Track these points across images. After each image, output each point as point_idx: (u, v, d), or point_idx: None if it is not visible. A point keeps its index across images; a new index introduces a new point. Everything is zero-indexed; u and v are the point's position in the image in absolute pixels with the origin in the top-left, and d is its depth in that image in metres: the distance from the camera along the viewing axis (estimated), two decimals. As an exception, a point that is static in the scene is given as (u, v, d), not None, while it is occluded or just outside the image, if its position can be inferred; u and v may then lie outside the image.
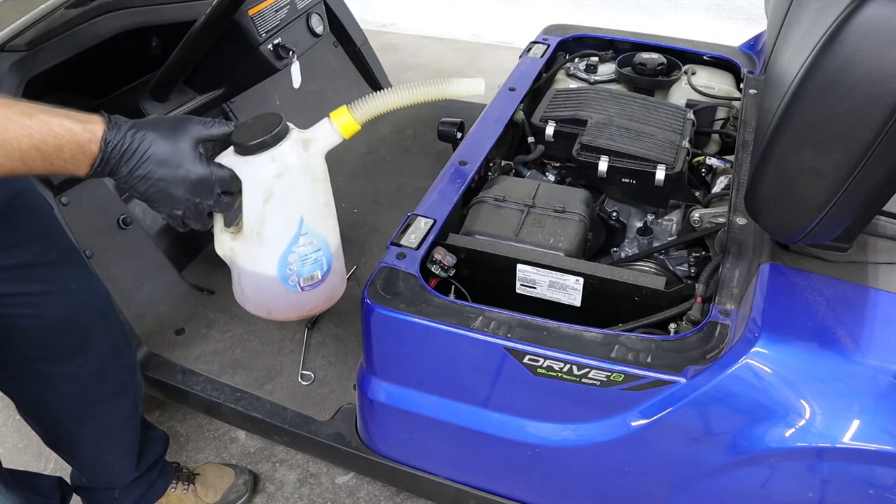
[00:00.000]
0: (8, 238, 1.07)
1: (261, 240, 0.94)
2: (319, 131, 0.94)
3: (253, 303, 1.03)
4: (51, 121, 0.78)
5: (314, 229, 0.96)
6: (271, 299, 1.01)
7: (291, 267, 0.96)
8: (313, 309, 1.05)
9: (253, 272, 0.98)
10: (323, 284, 1.01)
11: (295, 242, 0.95)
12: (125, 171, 0.82)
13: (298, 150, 0.91)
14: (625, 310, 1.22)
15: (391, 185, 2.21)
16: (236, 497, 1.61)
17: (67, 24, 1.61)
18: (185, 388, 1.61)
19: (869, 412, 0.93)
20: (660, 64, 1.74)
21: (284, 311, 1.04)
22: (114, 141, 0.81)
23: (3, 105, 0.76)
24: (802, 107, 0.87)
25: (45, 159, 0.78)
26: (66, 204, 1.62)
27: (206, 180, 0.86)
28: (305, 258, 0.96)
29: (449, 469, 1.34)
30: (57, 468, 1.71)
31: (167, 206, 0.87)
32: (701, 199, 1.48)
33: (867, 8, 0.78)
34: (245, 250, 0.96)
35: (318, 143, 0.93)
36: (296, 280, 0.98)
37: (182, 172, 0.84)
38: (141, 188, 0.84)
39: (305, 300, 1.01)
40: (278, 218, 0.93)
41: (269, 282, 0.97)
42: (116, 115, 0.84)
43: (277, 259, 0.95)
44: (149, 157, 0.82)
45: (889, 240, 1.11)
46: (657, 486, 1.13)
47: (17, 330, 1.14)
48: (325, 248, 0.99)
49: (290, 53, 2.04)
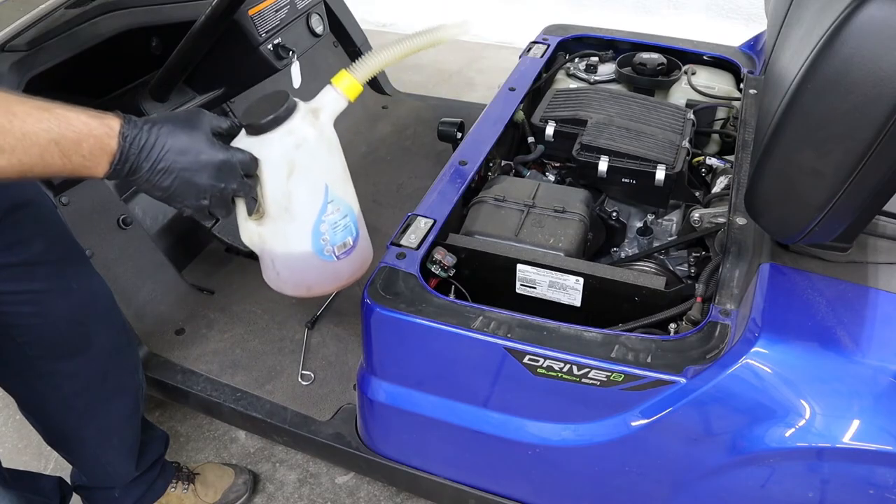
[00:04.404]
0: (10, 236, 1.07)
1: (290, 216, 0.93)
2: (326, 98, 0.94)
3: (290, 284, 1.02)
4: (68, 115, 0.77)
5: (339, 196, 0.96)
6: (310, 274, 1.00)
7: (324, 237, 0.96)
8: (350, 276, 1.04)
9: (286, 251, 0.97)
10: (355, 250, 1.01)
11: (324, 211, 0.95)
12: (147, 166, 0.81)
13: (310, 119, 0.91)
14: (625, 310, 1.22)
15: (391, 185, 2.21)
16: (236, 497, 1.61)
17: (67, 24, 1.61)
18: (185, 388, 1.61)
19: (869, 412, 0.93)
20: (660, 64, 1.74)
21: (324, 283, 1.03)
22: (131, 135, 0.80)
23: (20, 101, 0.75)
24: (802, 107, 0.87)
25: (64, 155, 0.76)
26: (66, 204, 1.62)
27: (229, 163, 0.85)
28: (336, 226, 0.97)
29: (449, 469, 1.34)
30: (57, 468, 1.71)
31: (193, 196, 0.85)
32: (701, 199, 1.48)
33: (867, 8, 0.78)
34: (275, 231, 0.96)
35: (327, 110, 0.94)
36: (330, 249, 0.97)
37: (205, 158, 0.84)
38: (165, 183, 0.83)
39: (342, 269, 1.01)
40: (304, 190, 0.93)
41: (304, 257, 0.97)
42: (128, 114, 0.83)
43: (310, 231, 0.95)
44: (169, 148, 0.81)
45: (889, 240, 1.11)
46: (657, 486, 1.13)
47: (18, 328, 1.14)
48: (351, 214, 0.99)
49: (290, 53, 2.04)
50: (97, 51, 1.67)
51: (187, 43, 1.71)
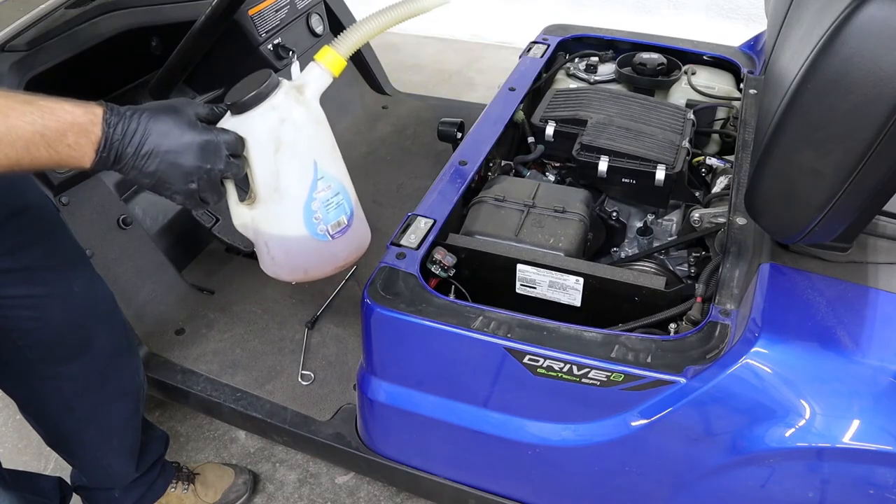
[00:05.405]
0: (12, 241, 1.07)
1: (280, 195, 0.92)
2: (310, 75, 0.93)
3: (286, 268, 1.00)
4: (52, 106, 0.77)
5: (329, 172, 0.95)
6: (305, 256, 0.99)
7: (317, 216, 0.94)
8: (348, 258, 1.02)
9: (279, 233, 0.96)
10: (350, 230, 0.99)
11: (314, 188, 0.93)
12: (131, 151, 0.81)
13: (295, 95, 0.90)
14: (625, 310, 1.22)
15: (391, 185, 2.21)
16: (236, 497, 1.61)
17: (67, 24, 1.61)
18: (185, 388, 1.61)
19: (869, 412, 0.93)
20: (660, 64, 1.74)
21: (321, 265, 1.01)
22: (114, 122, 0.80)
23: (1, 96, 0.76)
24: (802, 107, 0.87)
25: (50, 146, 0.77)
26: (66, 204, 1.62)
27: (212, 142, 0.85)
28: (328, 203, 0.95)
29: (449, 469, 1.34)
30: (57, 468, 1.71)
31: (180, 180, 0.85)
32: (701, 199, 1.48)
33: (867, 8, 0.78)
34: (266, 213, 0.94)
35: (312, 87, 0.93)
36: (324, 228, 0.96)
37: (188, 139, 0.84)
38: (151, 167, 0.83)
39: (338, 249, 1.00)
40: (292, 166, 0.91)
41: (298, 238, 0.95)
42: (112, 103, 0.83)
43: (301, 210, 0.93)
44: (152, 132, 0.82)
45: (889, 240, 1.11)
46: (657, 486, 1.13)
47: (18, 331, 1.14)
48: (344, 192, 0.97)
49: (290, 53, 2.04)
50: (97, 51, 1.67)
51: (187, 43, 1.71)
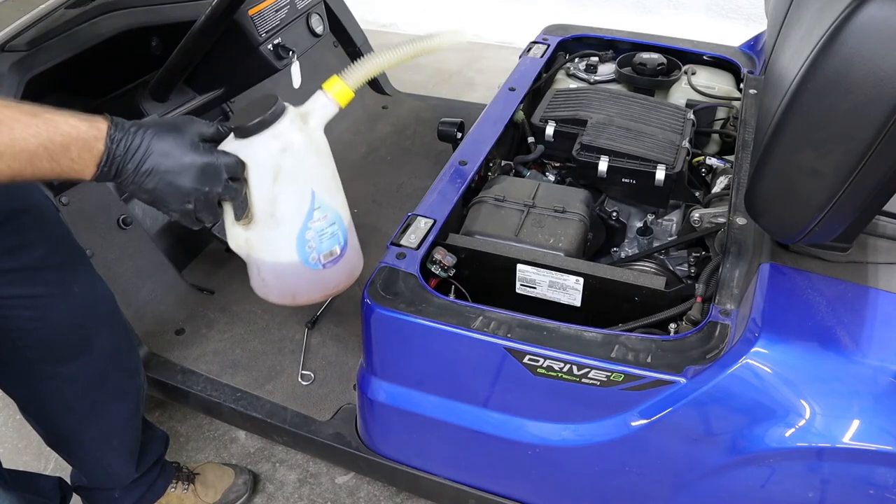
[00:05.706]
0: (12, 241, 1.07)
1: (275, 221, 0.92)
2: (316, 104, 0.93)
3: (276, 291, 1.01)
4: (56, 119, 0.77)
5: (326, 202, 0.95)
6: (295, 283, 0.99)
7: (310, 244, 0.95)
8: (337, 287, 1.03)
9: (271, 258, 0.96)
10: (343, 259, 1.00)
11: (310, 218, 0.93)
12: (131, 167, 0.82)
13: (299, 123, 0.90)
14: (625, 310, 1.22)
15: (391, 185, 2.21)
16: (236, 497, 1.61)
17: (67, 24, 1.61)
18: (185, 388, 1.61)
19: (869, 412, 0.93)
20: (660, 64, 1.74)
21: (309, 292, 1.01)
22: (118, 137, 0.80)
23: (7, 106, 0.76)
24: (802, 107, 0.87)
25: (53, 159, 0.77)
26: (66, 204, 1.62)
27: (213, 165, 0.85)
28: (322, 233, 0.95)
29: (449, 469, 1.34)
30: (57, 468, 1.71)
31: (177, 200, 0.85)
32: (701, 199, 1.48)
33: (867, 8, 0.78)
34: (260, 237, 0.95)
35: (317, 116, 0.93)
36: (316, 257, 0.96)
37: (188, 160, 0.84)
38: (149, 185, 0.83)
39: (328, 278, 1.00)
40: (290, 195, 0.92)
41: (290, 264, 0.96)
42: (118, 117, 0.83)
43: (295, 238, 0.94)
44: (153, 151, 0.82)
45: (889, 240, 1.11)
46: (657, 486, 1.13)
47: (18, 331, 1.14)
48: (339, 222, 0.98)
49: (290, 53, 2.04)
50: (97, 51, 1.66)
51: (187, 43, 1.71)
